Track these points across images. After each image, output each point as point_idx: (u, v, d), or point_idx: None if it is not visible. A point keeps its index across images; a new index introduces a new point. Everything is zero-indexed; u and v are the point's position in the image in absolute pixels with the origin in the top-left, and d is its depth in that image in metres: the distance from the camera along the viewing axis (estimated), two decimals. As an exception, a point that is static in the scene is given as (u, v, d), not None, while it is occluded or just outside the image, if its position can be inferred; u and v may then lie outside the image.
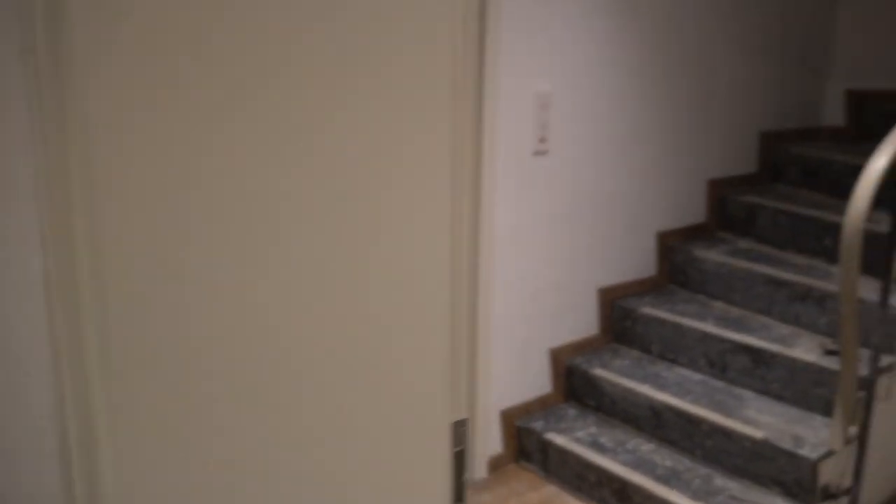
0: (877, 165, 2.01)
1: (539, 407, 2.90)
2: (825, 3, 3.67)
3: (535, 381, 2.90)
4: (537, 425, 2.77)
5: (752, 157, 3.52)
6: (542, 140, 2.64)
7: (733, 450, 2.43)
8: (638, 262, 3.14)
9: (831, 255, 2.93)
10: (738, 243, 3.22)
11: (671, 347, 2.89)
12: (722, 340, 2.72)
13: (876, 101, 3.52)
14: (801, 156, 3.37)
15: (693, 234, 3.31)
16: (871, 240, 2.78)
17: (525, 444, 2.80)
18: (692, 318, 2.87)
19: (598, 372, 2.83)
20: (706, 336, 2.76)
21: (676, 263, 3.18)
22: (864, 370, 2.38)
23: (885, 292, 2.22)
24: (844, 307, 2.03)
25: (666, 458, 2.55)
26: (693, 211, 3.31)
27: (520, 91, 2.55)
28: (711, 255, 3.06)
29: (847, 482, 2.37)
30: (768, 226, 3.15)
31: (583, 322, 3.01)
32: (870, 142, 3.40)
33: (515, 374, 2.82)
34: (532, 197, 2.68)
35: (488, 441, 2.76)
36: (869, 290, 2.62)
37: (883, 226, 2.77)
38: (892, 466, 2.79)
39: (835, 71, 3.76)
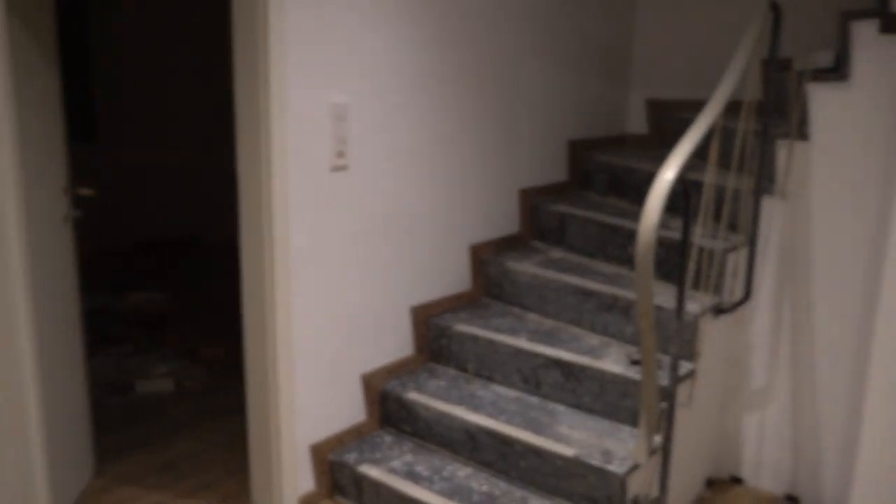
0: (665, 178, 2.01)
1: (353, 437, 2.72)
2: (624, 16, 3.78)
3: (348, 410, 2.71)
4: (350, 458, 2.58)
5: (562, 166, 3.54)
6: (341, 154, 2.46)
7: (546, 469, 2.37)
8: (452, 276, 3.04)
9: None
10: (551, 253, 3.21)
11: (486, 365, 2.81)
12: (535, 355, 2.67)
13: (673, 110, 3.65)
14: (607, 164, 3.42)
15: (507, 245, 3.26)
16: (668, 246, 2.84)
17: (339, 479, 2.61)
18: (506, 333, 2.80)
19: (413, 396, 2.69)
20: (519, 351, 2.70)
21: (491, 276, 3.11)
22: (665, 379, 2.41)
23: (681, 299, 2.24)
24: (642, 322, 2.01)
25: (482, 483, 2.46)
26: (506, 221, 3.27)
27: (313, 102, 2.36)
28: (524, 267, 3.01)
29: (655, 492, 2.38)
30: (578, 234, 3.16)
31: (397, 343, 2.86)
32: (670, 149, 3.53)
33: (325, 404, 2.62)
34: (332, 215, 2.50)
35: (298, 479, 2.55)
36: (669, 296, 2.67)
37: (678, 233, 2.84)
38: (695, 470, 2.87)
39: (636, 81, 3.88)
